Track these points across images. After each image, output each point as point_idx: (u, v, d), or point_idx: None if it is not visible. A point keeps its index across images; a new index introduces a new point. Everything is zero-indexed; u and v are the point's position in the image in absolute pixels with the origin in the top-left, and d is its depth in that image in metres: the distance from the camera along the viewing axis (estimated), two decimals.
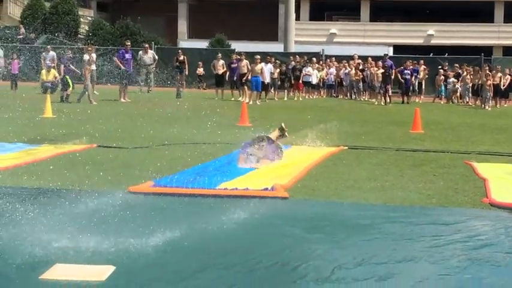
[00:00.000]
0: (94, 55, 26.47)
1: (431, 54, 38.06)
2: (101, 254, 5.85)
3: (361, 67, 31.75)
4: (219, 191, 8.73)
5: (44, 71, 28.08)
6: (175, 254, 5.95)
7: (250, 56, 29.66)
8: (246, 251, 6.16)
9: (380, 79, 29.20)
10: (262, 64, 28.66)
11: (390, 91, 29.11)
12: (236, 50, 34.89)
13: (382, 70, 29.19)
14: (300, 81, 31.30)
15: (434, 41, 47.11)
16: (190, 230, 6.65)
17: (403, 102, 29.32)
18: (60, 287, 5.15)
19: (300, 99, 30.86)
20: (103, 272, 5.40)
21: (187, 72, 33.18)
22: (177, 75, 32.03)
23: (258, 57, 28.87)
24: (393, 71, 29.35)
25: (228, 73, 30.22)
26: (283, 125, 11.58)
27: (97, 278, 5.30)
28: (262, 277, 5.49)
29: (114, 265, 5.54)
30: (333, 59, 34.47)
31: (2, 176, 9.66)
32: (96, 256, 5.79)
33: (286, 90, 31.41)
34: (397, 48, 43.81)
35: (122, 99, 26.12)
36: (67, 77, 26.23)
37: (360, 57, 33.34)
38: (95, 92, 25.66)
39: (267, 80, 28.82)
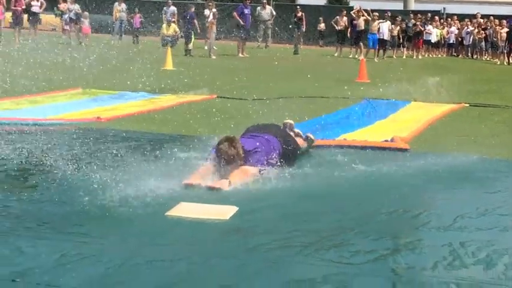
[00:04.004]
0: (215, 10, 26.77)
1: None
2: (224, 195, 5.98)
3: (483, 26, 30.86)
4: (338, 141, 8.72)
5: (164, 25, 28.62)
6: (294, 198, 6.00)
7: (369, 13, 29.29)
8: (364, 198, 6.14)
9: (504, 38, 28.32)
10: (380, 21, 28.29)
11: None
12: (355, 7, 34.48)
13: (506, 29, 28.29)
14: (420, 40, 30.77)
15: None
16: (310, 177, 6.69)
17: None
18: (184, 223, 5.29)
19: (420, 57, 30.33)
20: (226, 211, 5.52)
21: (304, 29, 33.09)
22: (295, 31, 31.99)
23: (376, 14, 28.56)
24: None
25: (349, 29, 29.94)
26: (311, 136, 8.40)
27: (220, 216, 5.42)
28: (381, 223, 5.46)
29: (237, 206, 5.66)
30: (455, 17, 33.69)
31: (127, 122, 9.98)
32: (219, 197, 5.92)
33: (405, 48, 30.91)
34: None
35: (240, 54, 26.38)
36: (191, 31, 26.79)
37: (482, 16, 32.38)
38: (214, 47, 26.02)
39: (385, 37, 28.43)
